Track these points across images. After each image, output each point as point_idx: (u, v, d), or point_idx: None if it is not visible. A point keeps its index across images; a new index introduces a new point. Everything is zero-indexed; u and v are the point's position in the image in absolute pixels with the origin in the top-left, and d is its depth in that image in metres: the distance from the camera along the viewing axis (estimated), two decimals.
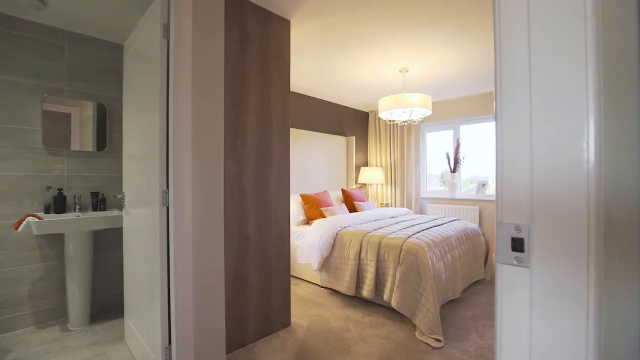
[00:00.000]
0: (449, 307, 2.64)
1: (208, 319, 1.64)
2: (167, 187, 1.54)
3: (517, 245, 0.42)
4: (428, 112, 3.30)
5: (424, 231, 2.85)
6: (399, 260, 2.46)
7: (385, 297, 2.48)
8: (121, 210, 2.50)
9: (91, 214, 2.41)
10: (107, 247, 2.61)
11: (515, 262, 0.43)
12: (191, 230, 1.54)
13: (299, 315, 2.52)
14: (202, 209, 1.60)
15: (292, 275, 3.47)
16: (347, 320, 2.42)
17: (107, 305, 2.59)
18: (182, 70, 1.56)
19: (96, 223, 2.28)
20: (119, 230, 2.53)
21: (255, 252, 2.12)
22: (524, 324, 0.41)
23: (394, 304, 2.36)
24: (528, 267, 0.41)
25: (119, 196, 2.05)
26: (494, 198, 4.37)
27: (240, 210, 2.02)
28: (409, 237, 2.62)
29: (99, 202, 2.52)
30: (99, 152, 2.57)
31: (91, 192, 2.51)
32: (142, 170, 1.80)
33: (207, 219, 1.62)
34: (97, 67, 2.57)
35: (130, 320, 2.01)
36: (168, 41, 1.57)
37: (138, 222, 1.87)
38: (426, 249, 2.44)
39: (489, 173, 4.59)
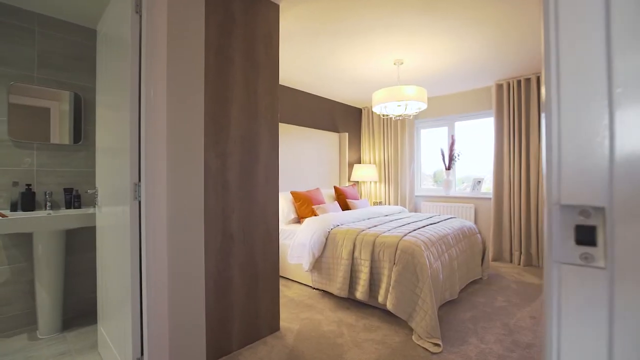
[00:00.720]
0: (446, 308, 2.52)
1: (186, 326, 1.49)
2: (140, 180, 1.39)
3: (585, 236, 0.29)
4: (424, 106, 3.18)
5: (420, 229, 2.73)
6: (394, 260, 2.33)
7: (380, 299, 2.35)
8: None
9: (63, 212, 2.23)
10: (82, 247, 2.43)
11: (581, 261, 0.30)
12: (166, 228, 1.38)
13: (288, 318, 2.37)
14: (179, 205, 1.45)
15: (281, 276, 3.32)
16: (340, 324, 2.28)
17: (81, 309, 2.41)
18: (156, 50, 1.40)
19: (68, 221, 2.10)
20: (95, 229, 2.35)
21: (241, 251, 1.97)
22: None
23: (389, 306, 2.23)
24: (604, 269, 0.28)
25: (90, 191, 1.88)
26: (489, 196, 4.31)
27: (224, 207, 1.87)
28: (404, 235, 2.49)
29: (73, 199, 2.34)
30: (73, 145, 2.39)
31: (64, 189, 2.32)
32: (115, 163, 1.63)
33: (185, 215, 1.46)
34: (71, 54, 2.38)
35: (104, 327, 1.84)
36: (140, 17, 1.41)
37: (111, 219, 1.70)
38: (423, 248, 2.31)
39: (484, 170, 4.50)
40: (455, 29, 2.62)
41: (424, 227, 2.85)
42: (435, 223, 3.07)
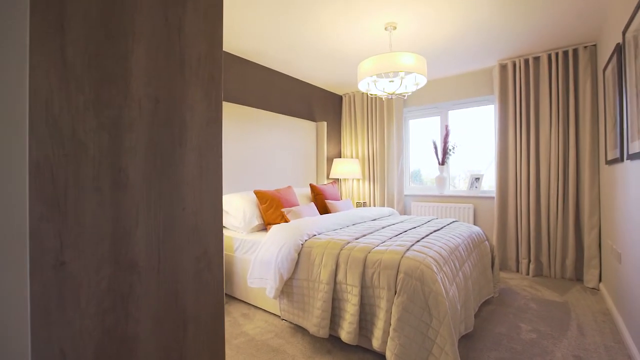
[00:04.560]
0: (462, 345, 1.86)
1: None
2: None
3: None
4: (423, 81, 2.52)
5: (424, 240, 2.05)
6: (395, 288, 1.63)
7: (376, 342, 1.64)
8: None
9: None
10: None
11: None
12: None
13: None
14: None
15: (240, 300, 2.55)
16: None
17: None
18: None
19: None
20: None
21: (153, 289, 1.18)
22: None
23: (390, 357, 1.52)
24: None
25: None
26: (490, 194, 3.75)
27: (117, 217, 1.08)
28: (407, 250, 1.80)
29: None
30: None
31: None
32: None
33: None
34: None
35: None
36: None
37: None
38: (435, 269, 1.63)
39: (483, 166, 3.93)
40: None
41: (427, 236, 2.18)
42: (438, 230, 2.42)
